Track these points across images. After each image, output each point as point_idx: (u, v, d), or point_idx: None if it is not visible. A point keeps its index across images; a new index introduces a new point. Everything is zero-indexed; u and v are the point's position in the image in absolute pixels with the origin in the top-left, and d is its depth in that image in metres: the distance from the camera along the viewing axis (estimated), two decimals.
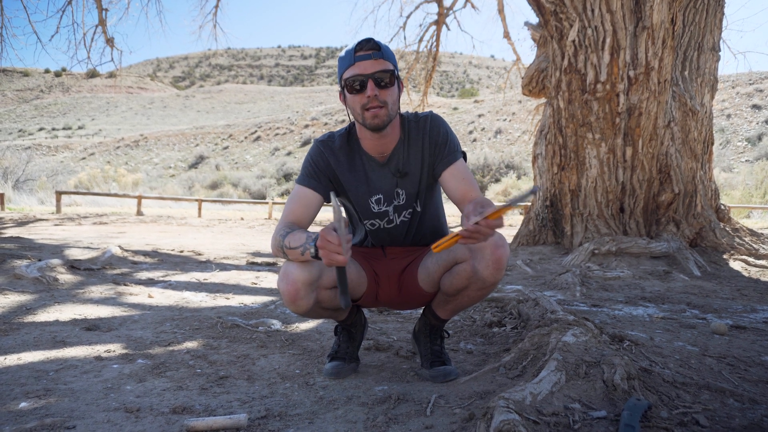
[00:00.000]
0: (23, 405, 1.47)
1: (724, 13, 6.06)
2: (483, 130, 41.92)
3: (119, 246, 4.96)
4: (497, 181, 27.08)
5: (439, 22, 11.00)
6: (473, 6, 11.02)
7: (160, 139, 53.67)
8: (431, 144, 1.71)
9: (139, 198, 14.17)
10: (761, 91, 35.36)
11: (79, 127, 74.73)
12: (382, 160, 1.72)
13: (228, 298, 3.21)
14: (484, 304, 2.72)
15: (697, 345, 2.14)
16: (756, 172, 18.01)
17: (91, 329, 2.34)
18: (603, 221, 5.07)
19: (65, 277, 3.54)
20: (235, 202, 20.50)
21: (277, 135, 50.91)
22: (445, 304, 1.78)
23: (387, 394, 1.59)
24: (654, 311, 2.91)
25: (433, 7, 10.98)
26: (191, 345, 2.14)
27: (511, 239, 6.01)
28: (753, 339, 2.28)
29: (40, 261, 3.79)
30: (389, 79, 1.58)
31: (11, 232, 7.05)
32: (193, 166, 44.06)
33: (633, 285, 3.78)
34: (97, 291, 3.22)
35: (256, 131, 52.62)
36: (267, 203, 16.94)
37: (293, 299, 1.57)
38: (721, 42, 6.04)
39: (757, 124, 30.92)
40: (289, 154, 44.30)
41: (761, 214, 14.46)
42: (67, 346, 2.06)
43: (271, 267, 4.84)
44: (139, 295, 3.20)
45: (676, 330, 2.43)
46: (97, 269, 3.98)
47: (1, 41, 9.36)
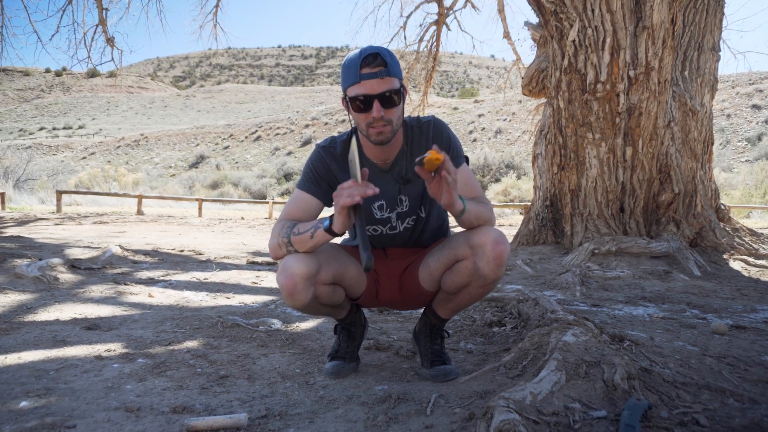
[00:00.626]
0: (24, 404, 1.47)
1: (724, 13, 6.06)
2: (483, 130, 41.90)
3: (119, 245, 4.96)
4: (497, 180, 27.04)
5: (440, 22, 10.99)
6: (473, 6, 11.01)
7: (161, 139, 53.67)
8: None
9: (140, 197, 14.17)
10: (761, 91, 35.34)
11: (80, 127, 74.78)
12: (384, 166, 1.72)
13: (228, 298, 3.21)
14: (484, 303, 2.72)
15: (698, 345, 2.14)
16: (756, 172, 18.02)
17: (91, 328, 2.34)
18: (603, 221, 5.06)
19: (66, 276, 3.54)
20: (236, 202, 20.50)
21: (277, 135, 50.90)
22: (446, 302, 1.78)
23: (387, 394, 1.59)
24: (654, 311, 2.91)
25: (434, 7, 10.97)
26: (191, 344, 2.14)
27: (511, 239, 6.01)
28: (753, 339, 2.28)
29: (40, 260, 3.79)
30: (396, 98, 1.55)
31: (12, 232, 7.05)
32: (194, 165, 44.06)
33: (633, 285, 3.78)
34: (98, 290, 3.22)
35: (257, 131, 52.60)
36: (267, 203, 16.94)
37: (291, 293, 1.57)
38: (721, 42, 6.04)
39: (757, 124, 30.92)
40: (289, 153, 44.28)
41: (761, 214, 14.46)
42: (67, 346, 2.06)
43: (271, 267, 4.84)
44: (139, 294, 3.20)
45: (677, 330, 2.43)
46: (97, 269, 3.98)
47: (1, 41, 9.38)
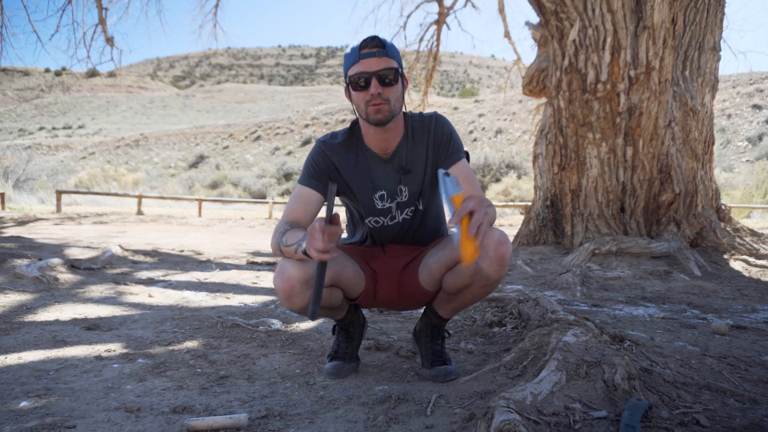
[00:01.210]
0: (24, 404, 1.47)
1: (724, 13, 6.06)
2: (483, 129, 41.88)
3: (119, 245, 4.96)
4: (497, 180, 27.06)
5: (440, 22, 10.99)
6: (474, 6, 11.01)
7: (161, 139, 53.65)
8: (435, 143, 1.72)
9: (140, 197, 14.17)
10: (762, 90, 35.35)
11: (80, 127, 74.77)
12: (385, 156, 1.73)
13: (228, 298, 3.21)
14: (484, 303, 2.71)
15: (698, 345, 2.14)
16: (757, 172, 18.00)
17: (91, 329, 2.34)
18: (603, 221, 5.06)
19: (65, 276, 3.54)
20: (236, 202, 20.52)
21: (277, 134, 50.89)
22: (446, 302, 1.78)
23: (387, 394, 1.59)
24: (654, 311, 2.90)
25: (434, 7, 10.97)
26: (191, 344, 2.14)
27: (511, 239, 6.01)
28: (753, 339, 2.28)
29: (40, 260, 3.79)
30: (393, 77, 1.59)
31: (11, 232, 7.05)
32: (194, 165, 44.04)
33: (633, 285, 3.77)
34: (98, 290, 3.22)
35: (257, 131, 52.59)
36: (267, 203, 16.95)
37: (288, 296, 1.57)
38: (721, 42, 6.04)
39: (757, 123, 30.92)
40: (289, 153, 44.27)
41: (762, 214, 14.46)
42: (67, 346, 2.06)
43: (271, 267, 4.84)
44: (139, 294, 3.20)
45: (677, 330, 2.43)
46: (97, 269, 3.98)
47: (1, 40, 9.36)
